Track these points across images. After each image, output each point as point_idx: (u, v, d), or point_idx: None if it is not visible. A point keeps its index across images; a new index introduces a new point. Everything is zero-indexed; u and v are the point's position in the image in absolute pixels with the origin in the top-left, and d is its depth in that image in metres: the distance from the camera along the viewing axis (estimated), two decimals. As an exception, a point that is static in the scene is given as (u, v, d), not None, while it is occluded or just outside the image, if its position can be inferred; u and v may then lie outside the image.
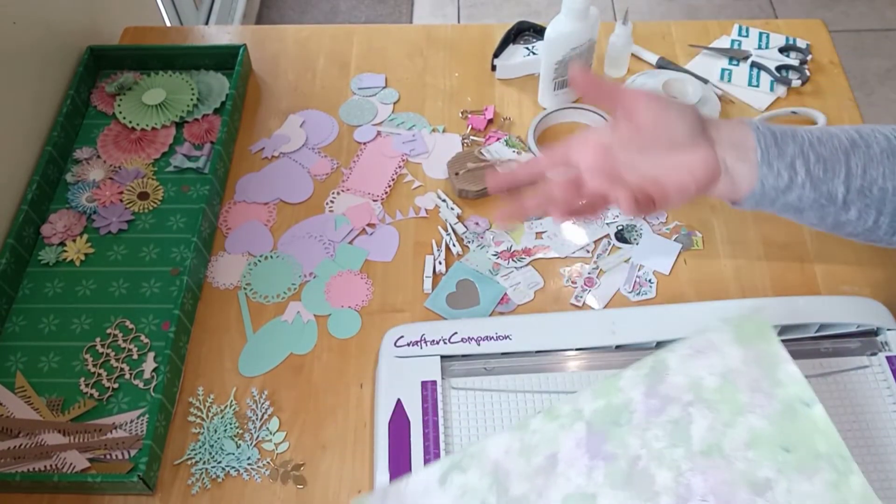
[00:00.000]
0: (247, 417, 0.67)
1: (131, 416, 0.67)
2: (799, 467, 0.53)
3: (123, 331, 0.73)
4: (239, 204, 0.82)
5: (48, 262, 0.77)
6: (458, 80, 0.92)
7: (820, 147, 0.56)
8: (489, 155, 0.82)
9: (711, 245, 0.77)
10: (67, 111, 0.85)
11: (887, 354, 0.65)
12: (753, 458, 0.52)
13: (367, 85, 0.92)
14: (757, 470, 0.52)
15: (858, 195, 0.56)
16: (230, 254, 0.78)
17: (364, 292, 0.75)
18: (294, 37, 0.98)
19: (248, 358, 0.71)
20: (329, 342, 0.72)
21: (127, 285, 0.76)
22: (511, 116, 0.88)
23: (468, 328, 0.67)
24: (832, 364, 0.65)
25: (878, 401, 0.63)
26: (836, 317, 0.66)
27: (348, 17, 2.12)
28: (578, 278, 0.75)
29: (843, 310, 0.67)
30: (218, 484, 0.64)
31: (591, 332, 0.67)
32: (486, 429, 0.63)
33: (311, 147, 0.86)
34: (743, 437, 0.53)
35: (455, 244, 0.77)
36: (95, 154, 0.85)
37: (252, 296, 0.75)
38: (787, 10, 2.08)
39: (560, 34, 0.79)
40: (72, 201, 0.81)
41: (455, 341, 0.66)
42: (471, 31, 0.98)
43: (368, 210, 0.80)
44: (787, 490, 0.52)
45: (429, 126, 0.88)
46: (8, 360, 0.71)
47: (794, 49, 0.92)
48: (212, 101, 0.88)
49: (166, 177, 0.84)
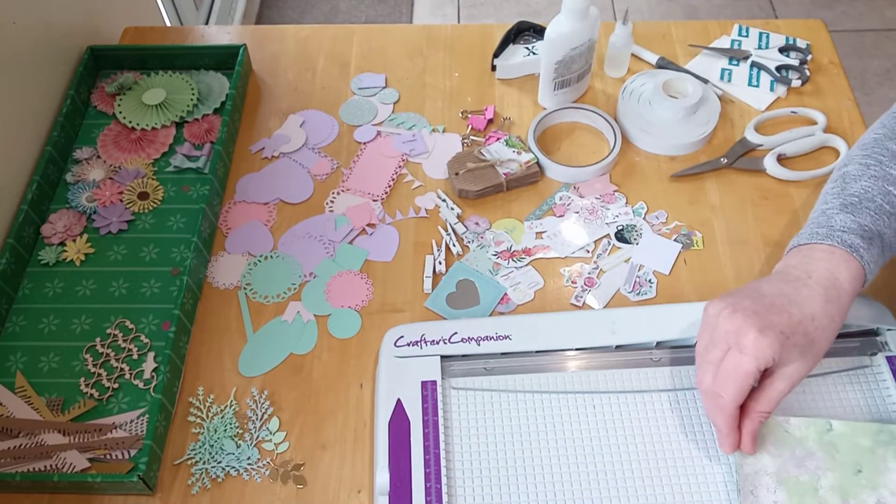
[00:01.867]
0: (247, 417, 0.67)
1: (131, 416, 0.67)
2: (875, 470, 0.57)
3: (123, 331, 0.73)
4: (239, 204, 0.82)
5: (48, 262, 0.77)
6: (458, 80, 0.92)
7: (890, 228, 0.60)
8: (489, 155, 0.82)
9: (711, 245, 0.77)
10: (67, 111, 0.85)
11: (887, 354, 0.65)
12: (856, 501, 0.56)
13: (367, 85, 0.92)
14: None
15: None
16: (230, 254, 0.78)
17: (364, 292, 0.75)
18: (294, 37, 0.98)
19: (248, 358, 0.71)
20: (329, 342, 0.72)
21: (127, 285, 0.76)
22: (511, 116, 0.88)
23: (468, 328, 0.67)
24: (832, 364, 0.65)
25: (878, 401, 0.63)
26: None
27: (348, 17, 2.12)
28: (578, 278, 0.75)
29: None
30: (218, 484, 0.64)
31: (591, 333, 0.67)
32: (486, 429, 0.63)
33: (311, 147, 0.86)
34: (834, 496, 0.57)
35: (455, 244, 0.77)
36: (95, 154, 0.85)
37: (252, 296, 0.75)
38: (787, 10, 2.08)
39: (560, 34, 0.79)
40: (72, 201, 0.81)
41: (455, 341, 0.66)
42: (471, 31, 0.98)
43: (368, 210, 0.80)
44: (892, 491, 0.57)
45: (429, 126, 0.88)
46: (8, 360, 0.71)
47: (794, 49, 0.92)
48: (212, 101, 0.88)
49: (166, 177, 0.84)
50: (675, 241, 0.77)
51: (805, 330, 0.55)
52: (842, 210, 0.60)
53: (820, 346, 0.56)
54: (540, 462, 0.61)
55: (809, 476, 0.58)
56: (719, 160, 0.82)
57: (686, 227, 0.78)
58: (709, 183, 0.82)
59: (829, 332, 0.56)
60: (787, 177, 0.81)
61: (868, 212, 0.60)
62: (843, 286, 0.57)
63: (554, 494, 0.60)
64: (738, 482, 0.59)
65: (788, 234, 0.77)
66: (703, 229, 0.78)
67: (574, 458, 0.61)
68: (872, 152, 0.64)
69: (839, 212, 0.60)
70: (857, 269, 0.57)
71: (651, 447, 0.61)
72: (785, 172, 0.81)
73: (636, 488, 0.60)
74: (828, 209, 0.62)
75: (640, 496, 0.59)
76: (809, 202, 0.80)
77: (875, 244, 0.59)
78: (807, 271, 0.58)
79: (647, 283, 0.74)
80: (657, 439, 0.62)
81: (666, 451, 0.61)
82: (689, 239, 0.77)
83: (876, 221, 0.60)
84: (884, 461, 0.58)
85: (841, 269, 0.57)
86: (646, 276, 0.75)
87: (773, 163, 0.81)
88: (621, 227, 0.78)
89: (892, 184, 0.61)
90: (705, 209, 0.80)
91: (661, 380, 0.65)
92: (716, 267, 0.76)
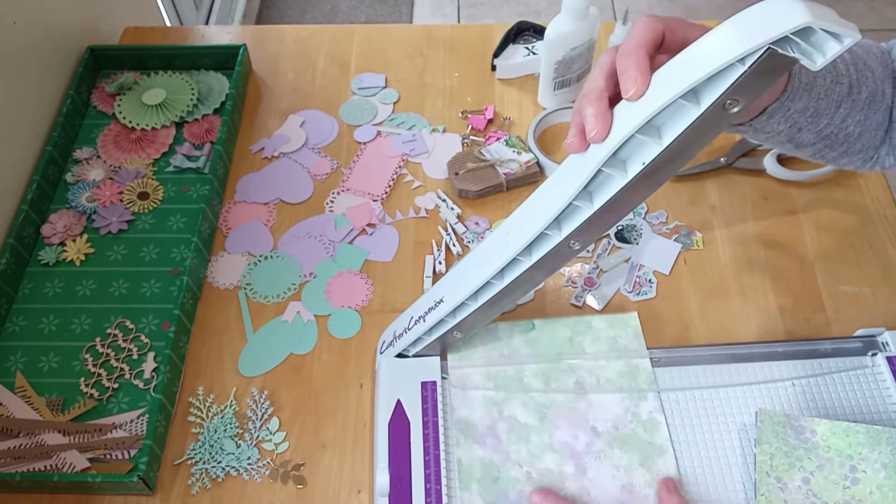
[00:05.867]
0: (247, 417, 0.67)
1: (131, 416, 0.67)
2: (573, 356, 0.65)
3: (123, 331, 0.73)
4: (239, 204, 0.82)
5: (48, 262, 0.77)
6: (458, 80, 0.92)
7: (821, 102, 0.56)
8: (489, 155, 0.82)
9: (711, 245, 0.77)
10: (67, 111, 0.85)
11: (887, 354, 0.65)
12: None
13: (367, 85, 0.92)
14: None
15: (823, 139, 0.58)
16: (230, 254, 0.78)
17: (364, 292, 0.75)
18: (294, 37, 0.98)
19: (248, 358, 0.71)
20: (329, 342, 0.72)
21: (127, 285, 0.76)
22: (511, 116, 0.88)
23: (416, 310, 0.66)
24: (832, 364, 0.65)
25: (878, 401, 0.63)
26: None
27: (348, 17, 2.12)
28: (578, 278, 0.75)
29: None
30: (218, 484, 0.64)
31: (493, 252, 0.63)
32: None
33: (311, 147, 0.86)
34: (536, 380, 0.65)
35: (455, 244, 0.77)
36: (95, 154, 0.85)
37: (252, 296, 0.75)
38: (787, 10, 2.07)
39: (560, 34, 0.79)
40: (72, 201, 0.81)
41: (412, 327, 0.66)
42: (471, 31, 0.98)
43: (368, 210, 0.80)
44: (588, 371, 0.64)
45: (429, 126, 0.88)
46: (8, 360, 0.71)
47: (794, 49, 0.92)
48: (212, 101, 0.88)
49: (166, 177, 0.84)
50: (675, 241, 0.77)
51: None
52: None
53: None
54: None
55: (515, 369, 0.66)
56: (719, 160, 0.82)
57: (686, 227, 0.78)
58: (709, 183, 0.82)
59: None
60: (787, 177, 0.81)
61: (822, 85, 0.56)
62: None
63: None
64: (755, 481, 0.59)
65: (788, 234, 0.77)
66: (703, 229, 0.78)
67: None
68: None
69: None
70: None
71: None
72: (785, 172, 0.81)
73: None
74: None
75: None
76: (809, 202, 0.80)
77: (797, 109, 0.55)
78: None
79: (647, 283, 0.74)
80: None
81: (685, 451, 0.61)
82: (689, 239, 0.77)
83: (817, 98, 0.56)
84: (581, 347, 0.67)
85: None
86: (646, 276, 0.75)
87: (773, 163, 0.81)
88: (621, 227, 0.78)
89: (858, 77, 0.57)
90: (705, 209, 0.80)
91: (660, 380, 0.65)
92: (716, 267, 0.76)
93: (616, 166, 0.46)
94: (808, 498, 0.58)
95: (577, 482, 0.60)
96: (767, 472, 0.59)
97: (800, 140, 0.58)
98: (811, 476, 0.59)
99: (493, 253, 0.56)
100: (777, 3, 0.40)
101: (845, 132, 0.58)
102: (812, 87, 0.55)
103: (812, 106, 0.56)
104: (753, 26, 0.40)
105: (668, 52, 0.45)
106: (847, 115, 0.57)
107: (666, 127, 0.44)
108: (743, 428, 0.62)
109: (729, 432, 0.62)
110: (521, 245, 0.52)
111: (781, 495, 0.58)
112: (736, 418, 0.63)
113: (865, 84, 0.57)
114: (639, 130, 0.44)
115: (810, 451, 0.60)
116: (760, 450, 0.60)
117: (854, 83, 0.57)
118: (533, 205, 0.53)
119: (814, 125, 0.57)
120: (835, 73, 0.56)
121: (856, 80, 0.57)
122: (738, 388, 0.64)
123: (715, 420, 0.63)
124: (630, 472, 0.61)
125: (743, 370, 0.65)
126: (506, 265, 0.54)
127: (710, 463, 0.61)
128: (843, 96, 0.57)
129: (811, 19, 0.38)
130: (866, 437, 0.59)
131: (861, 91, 0.57)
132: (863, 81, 0.57)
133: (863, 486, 0.58)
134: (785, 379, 0.65)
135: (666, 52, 0.47)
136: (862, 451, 0.59)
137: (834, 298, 0.73)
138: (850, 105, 0.57)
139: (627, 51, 0.46)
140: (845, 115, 0.57)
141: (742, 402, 0.63)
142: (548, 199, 0.51)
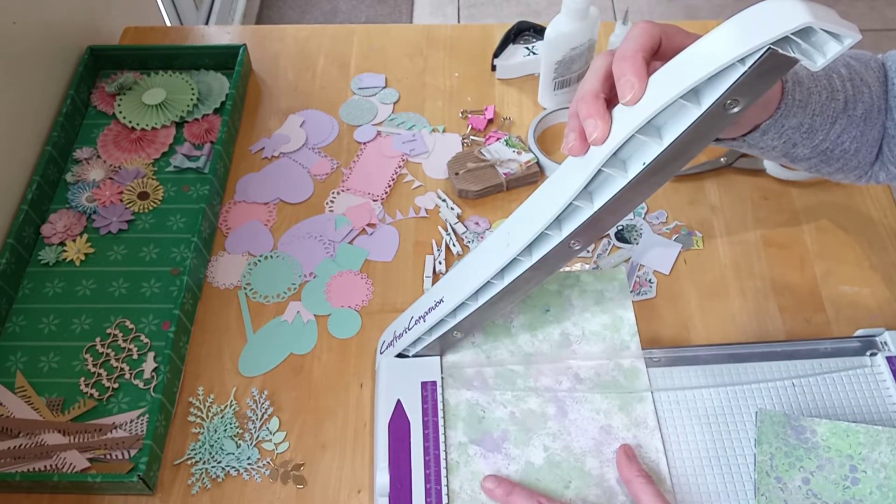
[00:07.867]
0: (247, 417, 0.67)
1: (131, 416, 0.67)
2: (560, 308, 0.67)
3: (123, 331, 0.73)
4: (239, 204, 0.82)
5: (48, 262, 0.77)
6: (458, 80, 0.92)
7: (816, 118, 0.56)
8: (489, 155, 0.82)
9: (711, 245, 0.77)
10: (67, 111, 0.85)
11: (887, 354, 0.65)
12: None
13: (367, 85, 0.92)
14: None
15: (819, 154, 0.58)
16: (230, 254, 0.78)
17: (364, 292, 0.75)
18: (294, 37, 0.98)
19: (248, 358, 0.71)
20: (329, 342, 0.72)
21: (127, 285, 0.76)
22: (511, 116, 0.88)
23: (416, 310, 0.66)
24: (832, 364, 0.65)
25: (878, 401, 0.63)
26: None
27: (348, 17, 2.12)
28: (578, 278, 0.75)
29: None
30: (218, 484, 0.64)
31: (492, 252, 0.64)
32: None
33: (311, 147, 0.86)
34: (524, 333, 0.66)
35: (455, 244, 0.77)
36: (95, 154, 0.85)
37: (252, 296, 0.75)
38: (787, 10, 2.07)
39: (560, 34, 0.79)
40: (72, 201, 0.81)
41: (412, 327, 0.66)
42: (471, 31, 0.98)
43: (368, 210, 0.80)
44: (574, 323, 0.66)
45: (429, 126, 0.88)
46: (8, 360, 0.71)
47: (794, 49, 0.92)
48: (212, 101, 0.88)
49: (166, 177, 0.84)
50: (675, 241, 0.77)
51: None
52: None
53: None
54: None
55: (504, 320, 0.67)
56: (719, 160, 0.82)
57: (686, 227, 0.78)
58: (709, 183, 0.82)
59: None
60: (787, 177, 0.81)
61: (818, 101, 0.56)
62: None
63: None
64: (755, 481, 0.59)
65: (788, 234, 0.77)
66: (703, 229, 0.78)
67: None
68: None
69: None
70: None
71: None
72: (785, 172, 0.81)
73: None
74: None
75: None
76: (809, 202, 0.80)
77: (792, 126, 0.56)
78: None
79: (647, 283, 0.74)
80: (657, 439, 0.62)
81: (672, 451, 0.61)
82: (689, 239, 0.77)
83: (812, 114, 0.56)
84: (569, 300, 0.68)
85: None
86: (646, 276, 0.75)
87: (773, 163, 0.81)
88: (621, 227, 0.78)
89: (855, 94, 0.58)
90: (705, 209, 0.80)
91: (660, 380, 0.65)
92: (716, 267, 0.76)
93: (616, 166, 0.46)
94: (808, 498, 0.58)
95: (559, 422, 0.62)
96: (767, 472, 0.59)
97: (795, 155, 0.58)
98: (811, 476, 0.59)
99: (493, 253, 0.56)
100: (777, 4, 0.40)
101: (841, 148, 0.58)
102: (807, 103, 0.55)
103: (807, 122, 0.56)
104: (754, 26, 0.40)
105: (664, 59, 0.45)
106: (843, 131, 0.57)
107: (666, 127, 0.44)
108: (743, 428, 0.62)
109: (729, 432, 0.62)
110: (522, 245, 0.53)
111: (781, 495, 0.58)
112: (736, 418, 0.63)
113: (861, 100, 0.57)
114: (639, 130, 0.44)
115: (810, 451, 0.60)
116: (760, 450, 0.60)
117: (850, 99, 0.57)
118: (533, 205, 0.53)
119: (809, 141, 0.57)
120: (830, 89, 0.56)
121: (852, 95, 0.57)
122: (738, 388, 0.64)
123: (715, 420, 0.63)
124: (609, 415, 0.63)
125: (743, 370, 0.65)
126: (506, 265, 0.55)
127: (710, 463, 0.61)
128: (838, 112, 0.56)
129: (812, 19, 0.38)
130: (866, 437, 0.59)
131: (857, 107, 0.57)
132: (859, 97, 0.57)
133: (863, 487, 0.58)
134: (785, 379, 0.65)
135: (661, 59, 0.47)
136: (862, 452, 0.59)
137: (834, 298, 0.73)
138: (846, 121, 0.57)
139: (625, 55, 0.46)
140: (841, 130, 0.57)
141: (742, 402, 0.63)
142: (548, 200, 0.51)
